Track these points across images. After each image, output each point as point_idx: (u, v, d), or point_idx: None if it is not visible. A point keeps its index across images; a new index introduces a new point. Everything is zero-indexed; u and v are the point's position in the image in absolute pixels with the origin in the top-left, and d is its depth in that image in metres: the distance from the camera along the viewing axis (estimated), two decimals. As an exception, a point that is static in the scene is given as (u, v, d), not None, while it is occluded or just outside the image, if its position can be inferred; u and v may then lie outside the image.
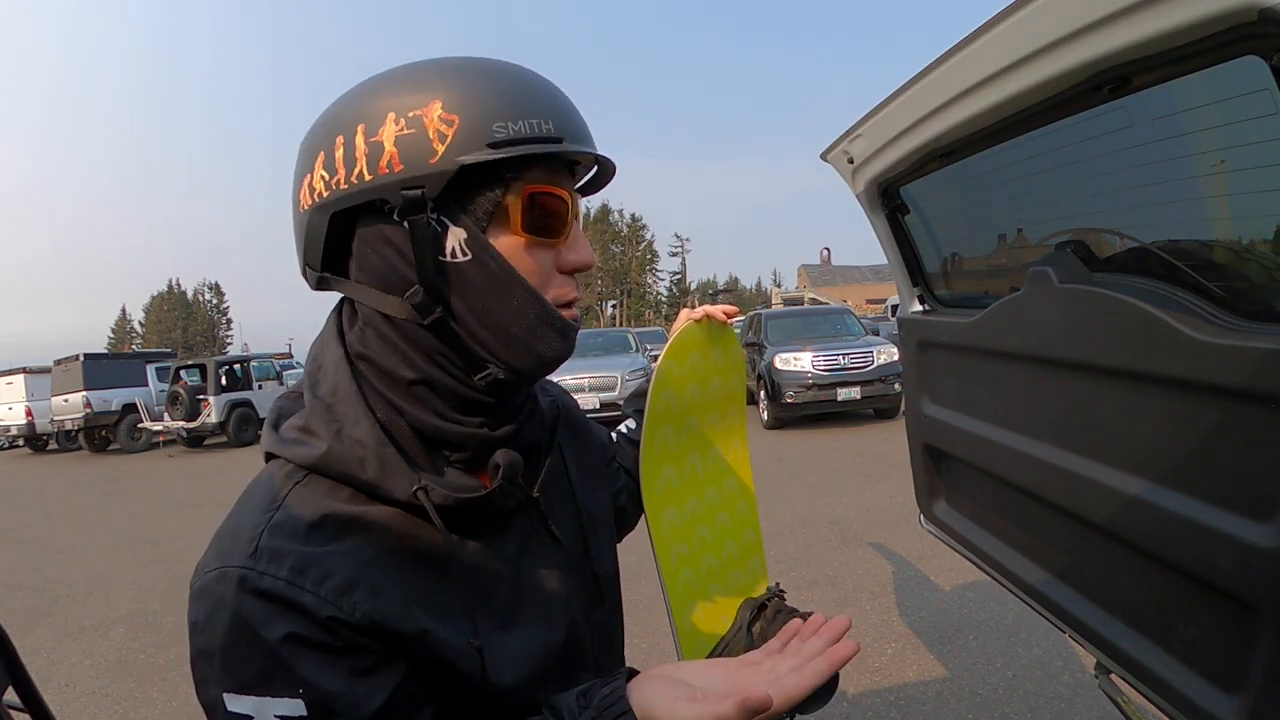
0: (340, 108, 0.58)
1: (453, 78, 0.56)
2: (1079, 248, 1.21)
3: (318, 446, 0.57)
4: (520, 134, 0.55)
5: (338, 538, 0.55)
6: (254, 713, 0.50)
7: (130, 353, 25.28)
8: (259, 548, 0.53)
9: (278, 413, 0.65)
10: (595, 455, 0.84)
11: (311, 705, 0.50)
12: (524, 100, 0.56)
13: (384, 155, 0.55)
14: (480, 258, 0.57)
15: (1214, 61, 0.80)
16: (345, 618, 0.52)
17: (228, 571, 0.52)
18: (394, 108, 0.55)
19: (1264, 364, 0.82)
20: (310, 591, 0.52)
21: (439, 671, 0.57)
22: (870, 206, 1.65)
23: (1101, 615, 1.23)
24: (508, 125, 0.55)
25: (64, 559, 6.07)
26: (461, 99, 0.55)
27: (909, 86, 1.22)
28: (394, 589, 0.55)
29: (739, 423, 1.19)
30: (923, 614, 3.49)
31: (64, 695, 3.43)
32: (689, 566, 1.05)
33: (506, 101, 0.56)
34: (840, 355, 9.12)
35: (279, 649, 0.50)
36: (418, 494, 0.56)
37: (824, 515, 5.26)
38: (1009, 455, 1.39)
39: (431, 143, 0.54)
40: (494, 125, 0.55)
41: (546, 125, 0.56)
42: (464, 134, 0.54)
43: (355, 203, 0.56)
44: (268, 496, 0.57)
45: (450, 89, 0.55)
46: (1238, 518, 0.88)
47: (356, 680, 0.52)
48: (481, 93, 0.55)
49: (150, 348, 66.51)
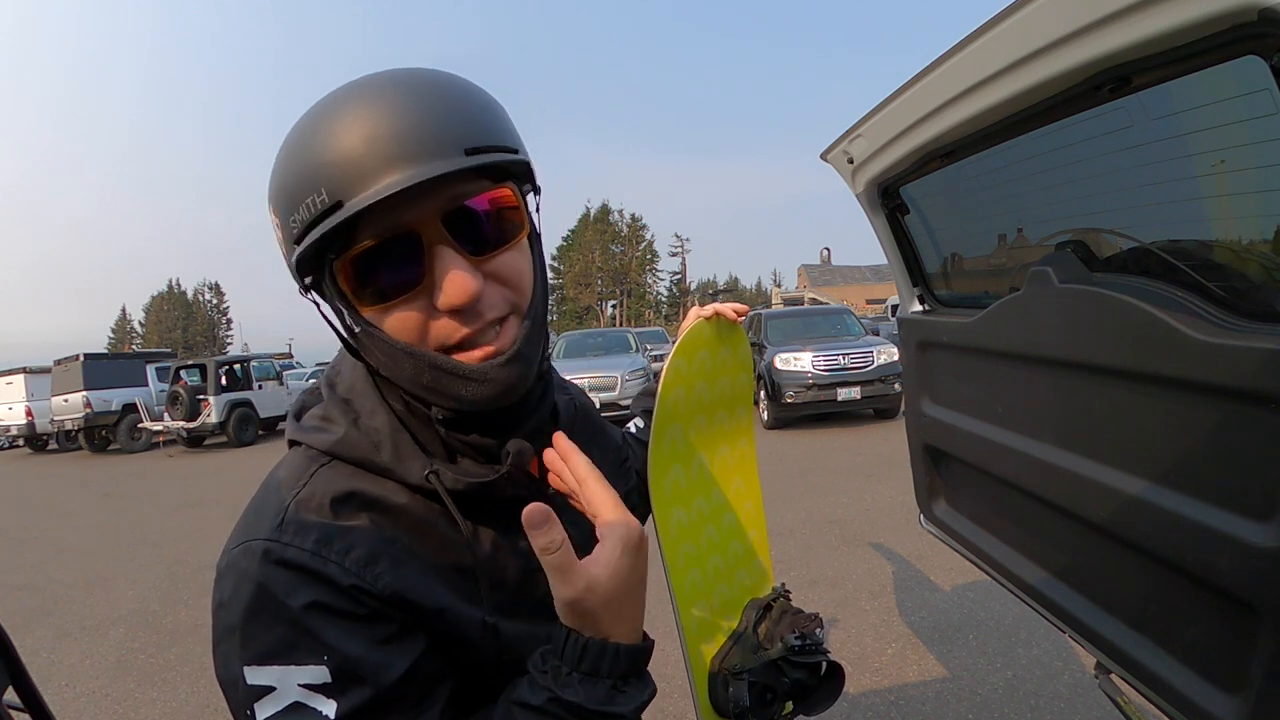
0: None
1: (274, 168, 0.56)
2: (1079, 248, 1.21)
3: (336, 432, 0.60)
4: (304, 219, 0.53)
5: (361, 515, 0.57)
6: (276, 683, 0.51)
7: (130, 353, 25.25)
8: (285, 521, 0.54)
9: (300, 405, 0.67)
10: (610, 456, 0.85)
11: (336, 671, 0.51)
12: (299, 179, 0.53)
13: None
14: (365, 329, 0.57)
15: (1214, 61, 0.80)
16: (369, 588, 0.54)
17: (252, 545, 0.54)
18: (270, 201, 0.57)
19: (1264, 364, 0.82)
20: (335, 562, 0.53)
21: (456, 648, 0.59)
22: (870, 206, 1.65)
23: (1101, 615, 1.23)
24: (295, 217, 0.54)
25: (64, 559, 6.07)
26: (275, 195, 0.56)
27: (909, 86, 1.22)
28: (414, 564, 0.57)
29: (746, 422, 1.19)
30: (923, 614, 3.49)
31: (64, 695, 3.43)
32: (695, 566, 1.05)
33: (290, 189, 0.54)
34: (840, 355, 9.12)
35: (303, 616, 0.51)
36: (429, 478, 0.58)
37: (824, 515, 5.26)
38: (1009, 455, 1.39)
39: (280, 246, 0.57)
40: (290, 220, 0.54)
41: (320, 198, 0.52)
42: (285, 235, 0.56)
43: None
44: (293, 476, 0.59)
45: (272, 183, 0.56)
46: (1238, 518, 0.88)
47: (379, 648, 0.53)
48: (279, 184, 0.55)
49: (150, 348, 66.50)
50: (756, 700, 0.97)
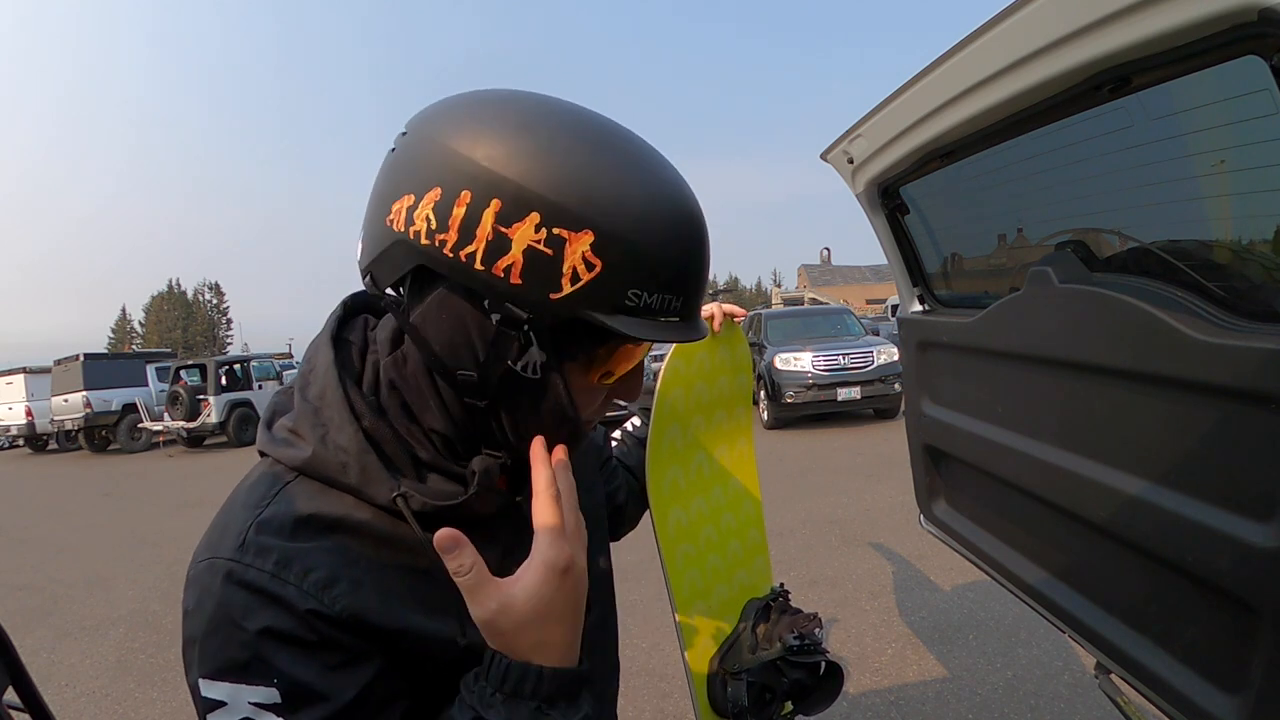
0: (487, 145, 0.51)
1: (613, 207, 0.50)
2: (1079, 248, 1.21)
3: (304, 450, 0.58)
4: (652, 307, 0.53)
5: (322, 536, 0.57)
6: (228, 699, 0.52)
7: (130, 353, 25.28)
8: (246, 541, 0.55)
9: (272, 409, 0.66)
10: (588, 456, 0.84)
11: (286, 694, 0.52)
12: (669, 266, 0.53)
13: (506, 256, 0.50)
14: (548, 381, 0.55)
15: (1214, 61, 0.80)
16: (325, 611, 0.54)
17: (215, 562, 0.54)
18: (541, 206, 0.49)
19: (1264, 364, 0.82)
20: (293, 584, 0.53)
21: (422, 666, 0.59)
22: (870, 206, 1.65)
23: (1101, 615, 1.23)
24: (643, 294, 0.52)
25: (64, 559, 6.08)
26: (616, 244, 0.50)
27: (909, 86, 1.22)
28: (375, 586, 0.57)
29: (745, 422, 1.19)
30: (923, 614, 3.49)
31: (64, 695, 3.43)
32: (694, 566, 1.05)
33: (654, 263, 0.52)
34: (840, 355, 9.12)
35: (256, 640, 0.52)
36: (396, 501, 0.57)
37: (824, 515, 5.26)
38: (1009, 455, 1.39)
39: (562, 277, 0.50)
40: (630, 290, 0.51)
41: (676, 303, 0.54)
42: (601, 285, 0.51)
43: (452, 277, 0.52)
44: (258, 494, 0.58)
45: (608, 224, 0.50)
46: (1238, 518, 0.88)
47: (330, 674, 0.54)
48: (637, 241, 0.51)
49: (150, 348, 66.46)
50: (755, 700, 0.97)
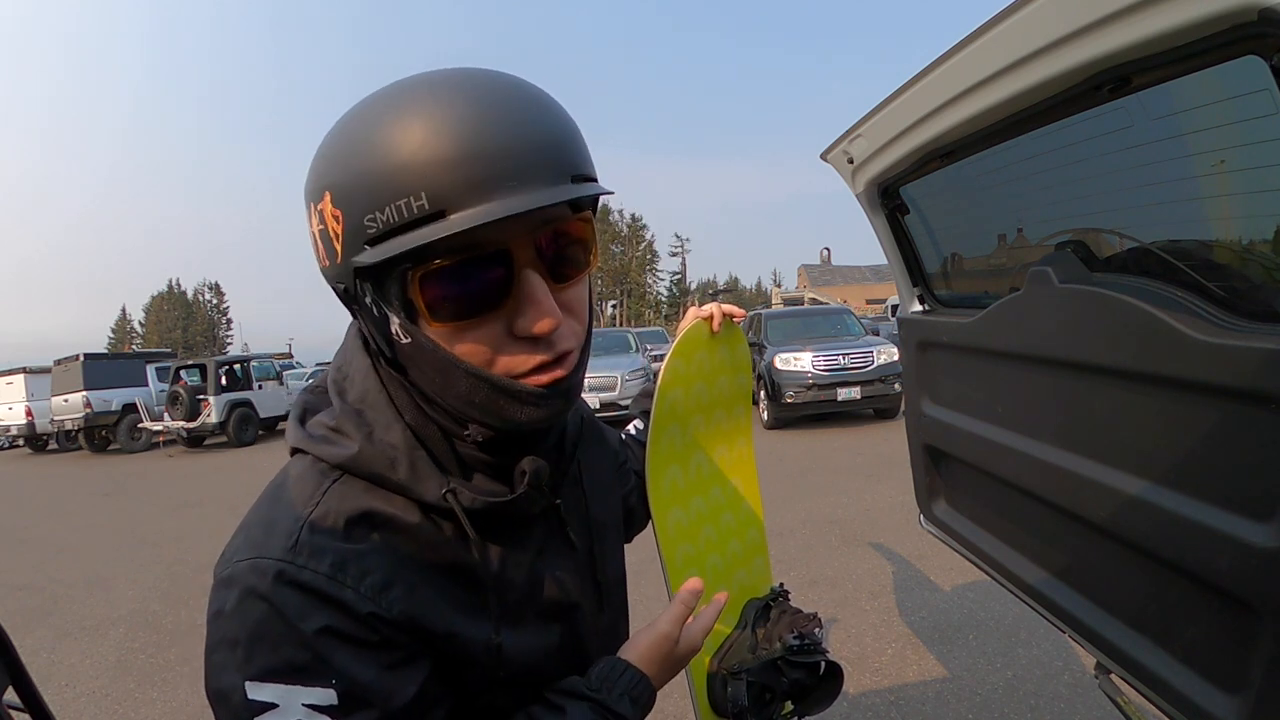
0: (311, 164, 0.56)
1: (339, 153, 0.52)
2: (1079, 248, 1.21)
3: (349, 447, 0.58)
4: (390, 221, 0.49)
5: (374, 536, 0.56)
6: (279, 700, 0.51)
7: (130, 353, 25.25)
8: (299, 542, 0.53)
9: (303, 407, 0.65)
10: (607, 460, 0.85)
11: (344, 695, 0.51)
12: (388, 174, 0.49)
13: (316, 246, 0.56)
14: (417, 340, 0.54)
15: (1214, 61, 0.80)
16: (384, 614, 0.54)
17: (262, 563, 0.53)
18: (311, 195, 0.54)
19: (1264, 364, 0.82)
20: (351, 587, 0.53)
21: (460, 668, 0.59)
22: (870, 206, 1.65)
23: (1101, 615, 1.23)
24: (376, 216, 0.49)
25: (64, 559, 6.07)
26: (343, 186, 0.51)
27: (909, 86, 1.22)
28: (426, 588, 0.57)
29: (745, 422, 1.19)
30: (923, 614, 3.49)
31: (64, 695, 3.43)
32: (694, 566, 1.05)
33: (371, 183, 0.49)
34: (840, 355, 9.11)
35: (314, 640, 0.51)
36: (447, 496, 0.57)
37: (824, 515, 5.26)
38: (1009, 455, 1.39)
39: (333, 241, 0.53)
40: (365, 219, 0.50)
41: (419, 202, 0.48)
42: (349, 231, 0.51)
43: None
44: (305, 492, 0.57)
45: (335, 172, 0.51)
46: (1238, 518, 0.88)
47: (389, 673, 0.54)
48: (355, 173, 0.50)
49: (150, 348, 66.49)
50: (755, 700, 0.97)
